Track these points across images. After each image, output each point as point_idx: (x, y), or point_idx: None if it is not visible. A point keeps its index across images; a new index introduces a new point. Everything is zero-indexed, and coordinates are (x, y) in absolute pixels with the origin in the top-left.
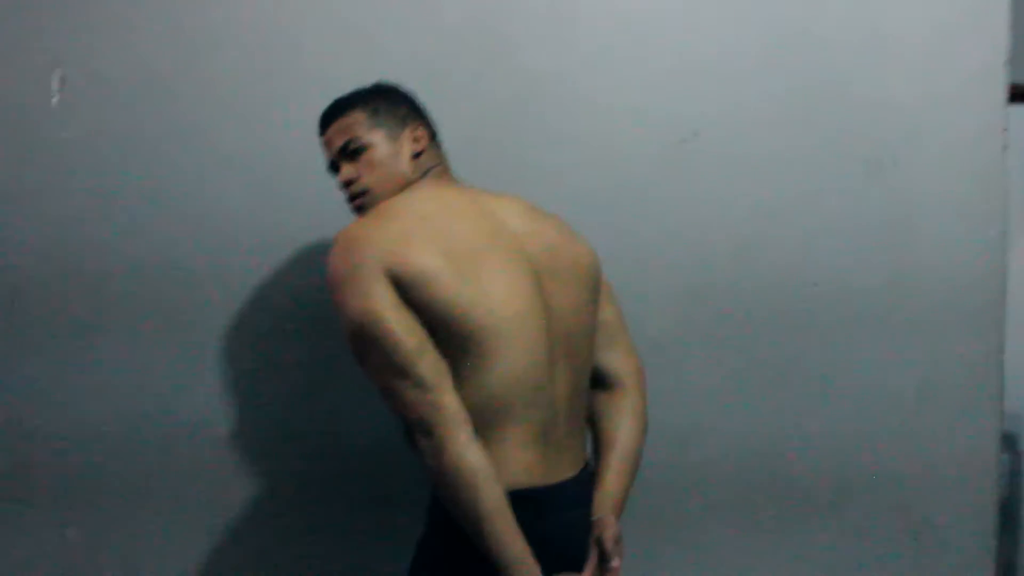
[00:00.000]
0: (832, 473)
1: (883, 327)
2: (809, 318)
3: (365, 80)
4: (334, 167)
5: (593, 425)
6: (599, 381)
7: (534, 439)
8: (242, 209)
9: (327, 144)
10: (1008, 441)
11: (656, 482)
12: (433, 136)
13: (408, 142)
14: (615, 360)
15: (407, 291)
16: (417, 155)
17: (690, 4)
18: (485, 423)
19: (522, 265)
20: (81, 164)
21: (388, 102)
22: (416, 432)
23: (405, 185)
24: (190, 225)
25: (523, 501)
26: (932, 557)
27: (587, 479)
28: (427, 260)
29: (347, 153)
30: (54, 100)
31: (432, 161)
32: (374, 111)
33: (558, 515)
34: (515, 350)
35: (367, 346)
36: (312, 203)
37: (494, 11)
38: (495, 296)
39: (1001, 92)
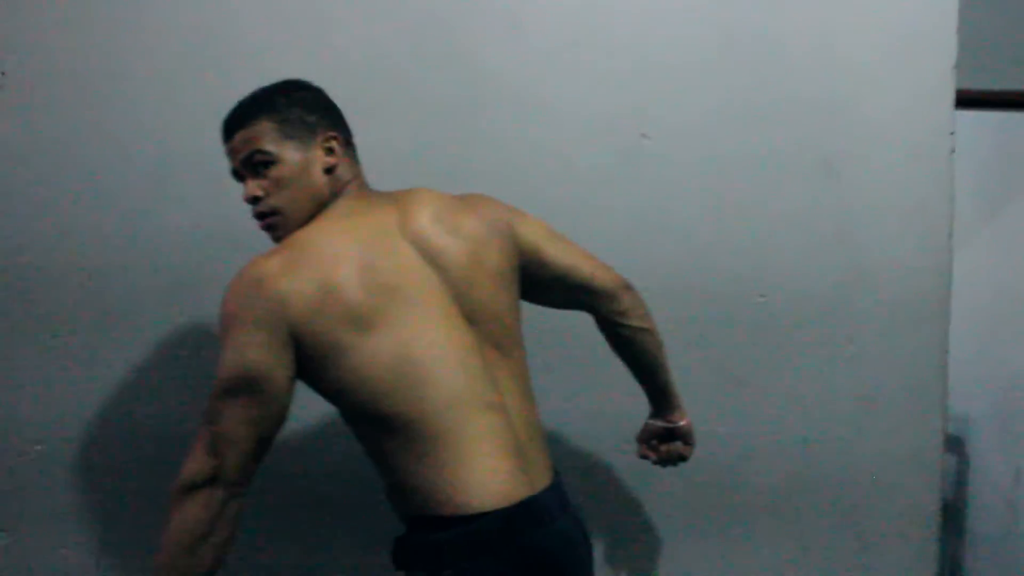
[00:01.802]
0: (776, 479)
1: (829, 331)
2: (756, 323)
3: (315, 76)
4: (238, 176)
5: (618, 351)
6: (591, 305)
7: (504, 449)
8: (191, 208)
9: (231, 153)
10: (953, 443)
11: (599, 484)
12: (348, 143)
13: (320, 154)
14: (590, 279)
15: (313, 357)
16: (330, 169)
17: (643, 7)
18: (447, 444)
19: (443, 297)
20: (18, 159)
21: (299, 108)
22: (203, 476)
23: (319, 204)
24: (133, 225)
25: (517, 513)
26: (876, 560)
27: (562, 486)
28: (339, 333)
29: (252, 166)
30: None
31: (347, 174)
32: (283, 120)
33: (551, 526)
34: (446, 380)
35: (234, 396)
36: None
37: (449, 11)
38: (416, 344)
39: (950, 97)
